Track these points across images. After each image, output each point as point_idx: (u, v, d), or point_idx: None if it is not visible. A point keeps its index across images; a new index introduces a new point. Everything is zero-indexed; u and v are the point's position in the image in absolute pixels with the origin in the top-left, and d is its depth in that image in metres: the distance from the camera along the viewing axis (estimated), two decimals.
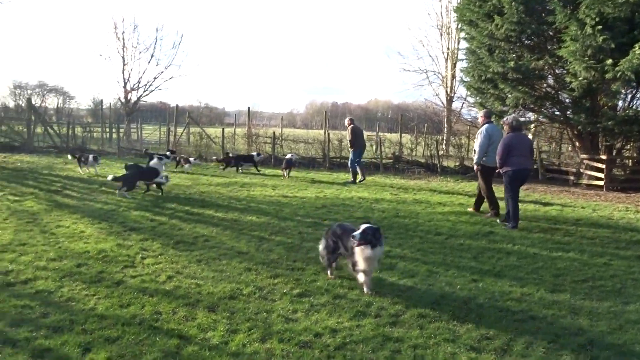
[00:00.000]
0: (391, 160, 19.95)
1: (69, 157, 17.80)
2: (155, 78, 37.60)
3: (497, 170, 9.65)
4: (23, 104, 52.28)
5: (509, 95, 16.86)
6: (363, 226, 5.17)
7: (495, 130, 10.18)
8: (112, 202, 10.42)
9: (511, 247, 7.81)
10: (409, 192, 13.69)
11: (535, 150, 20.26)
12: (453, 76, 34.92)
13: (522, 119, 19.70)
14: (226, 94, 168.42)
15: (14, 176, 13.87)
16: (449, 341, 4.39)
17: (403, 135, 24.35)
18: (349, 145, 16.07)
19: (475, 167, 10.33)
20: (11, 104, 58.11)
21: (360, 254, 5.23)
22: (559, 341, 4.47)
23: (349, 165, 15.99)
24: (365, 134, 30.85)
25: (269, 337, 4.36)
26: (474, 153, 10.32)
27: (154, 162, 12.91)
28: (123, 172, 12.72)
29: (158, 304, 5.02)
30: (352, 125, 15.83)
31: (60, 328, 4.39)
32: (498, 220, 9.66)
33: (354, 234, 5.13)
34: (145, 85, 37.54)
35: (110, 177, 11.70)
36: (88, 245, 7.02)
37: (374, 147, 24.81)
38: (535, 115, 20.07)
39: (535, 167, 18.34)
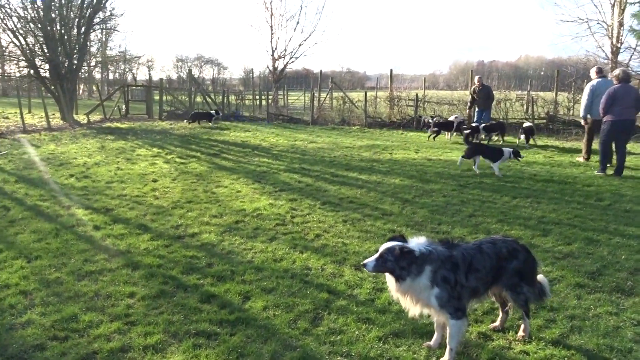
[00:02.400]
0: (545, 121, 18.45)
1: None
2: (300, 45, 38.77)
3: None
4: (184, 76, 57.55)
5: None
6: (383, 247, 3.36)
7: (602, 85, 10.56)
8: (264, 165, 11.11)
9: None
10: (565, 155, 12.65)
11: None
12: (620, 24, 30.93)
13: None
14: (367, 58, 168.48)
15: (180, 141, 15.37)
16: (611, 314, 4.06)
17: (559, 93, 22.28)
18: (485, 107, 15.33)
19: (582, 121, 11.47)
20: (174, 76, 64.49)
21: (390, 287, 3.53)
22: None
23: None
24: (515, 93, 29.01)
25: None
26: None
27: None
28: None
29: (307, 260, 5.31)
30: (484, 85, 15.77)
31: (223, 277, 4.85)
32: (596, 172, 10.00)
33: (365, 262, 3.40)
34: (292, 52, 38.91)
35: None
36: (244, 204, 7.61)
37: (525, 107, 23.18)
38: None
39: None
